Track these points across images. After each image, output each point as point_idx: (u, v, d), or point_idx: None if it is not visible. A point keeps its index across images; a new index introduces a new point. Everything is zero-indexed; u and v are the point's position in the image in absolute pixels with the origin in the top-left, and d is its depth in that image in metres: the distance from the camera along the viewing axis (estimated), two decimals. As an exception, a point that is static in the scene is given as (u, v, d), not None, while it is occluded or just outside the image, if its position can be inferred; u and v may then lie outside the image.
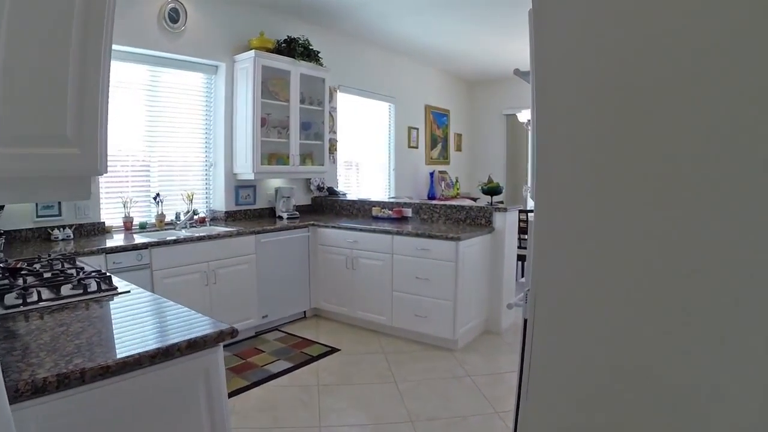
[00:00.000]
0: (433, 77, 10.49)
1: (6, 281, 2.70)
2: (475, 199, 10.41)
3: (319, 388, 4.39)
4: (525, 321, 1.93)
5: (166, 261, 4.77)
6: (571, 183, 1.70)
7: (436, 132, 10.62)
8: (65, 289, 2.68)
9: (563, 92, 1.73)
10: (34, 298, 2.46)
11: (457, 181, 10.71)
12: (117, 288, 2.78)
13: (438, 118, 10.65)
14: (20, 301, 2.39)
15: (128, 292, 2.77)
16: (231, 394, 4.20)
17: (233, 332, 2.13)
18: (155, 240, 4.78)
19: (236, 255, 5.35)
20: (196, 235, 5.08)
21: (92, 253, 4.28)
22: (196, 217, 5.86)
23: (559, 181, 1.73)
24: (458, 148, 11.56)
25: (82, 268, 3.26)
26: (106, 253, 4.39)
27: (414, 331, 5.44)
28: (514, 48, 8.52)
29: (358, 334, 5.72)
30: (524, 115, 8.54)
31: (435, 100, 10.56)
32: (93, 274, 3.02)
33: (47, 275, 2.99)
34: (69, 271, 3.13)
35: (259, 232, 5.57)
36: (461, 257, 5.06)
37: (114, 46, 4.61)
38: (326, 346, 5.33)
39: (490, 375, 4.64)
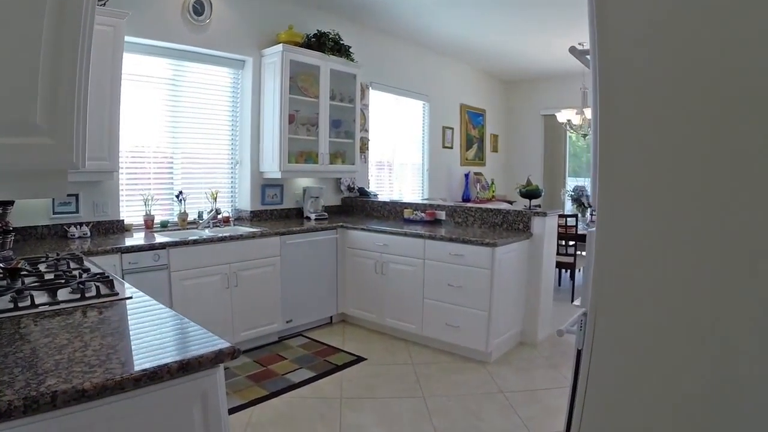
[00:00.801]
0: (468, 76, 10.15)
1: (4, 282, 2.50)
2: (511, 202, 10.08)
3: (341, 401, 4.10)
4: (578, 352, 1.60)
5: (185, 262, 4.54)
6: (644, 192, 1.38)
7: (472, 132, 10.28)
8: (62, 293, 2.47)
9: (634, 89, 1.40)
10: (27, 302, 2.25)
11: (492, 182, 10.36)
12: (118, 293, 2.55)
13: (473, 117, 10.31)
14: (12, 305, 2.19)
15: (130, 298, 2.53)
16: (247, 405, 3.97)
17: (234, 352, 1.85)
18: (173, 240, 4.55)
19: (260, 257, 5.10)
20: (218, 235, 4.85)
21: (106, 252, 4.08)
22: (219, 216, 5.63)
23: (629, 191, 1.41)
24: (494, 149, 11.21)
25: (87, 270, 3.03)
26: (122, 253, 4.17)
27: (445, 342, 5.12)
28: (555, 45, 8.15)
29: (386, 343, 5.43)
30: (564, 115, 8.15)
31: (470, 99, 10.22)
32: (97, 276, 2.79)
33: (49, 276, 2.79)
34: (74, 273, 2.91)
35: (284, 233, 5.31)
36: (497, 264, 4.72)
37: (136, 39, 4.46)
38: (352, 354, 5.04)
39: (525, 392, 4.30)
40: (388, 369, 4.74)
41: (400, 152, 8.58)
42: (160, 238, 4.67)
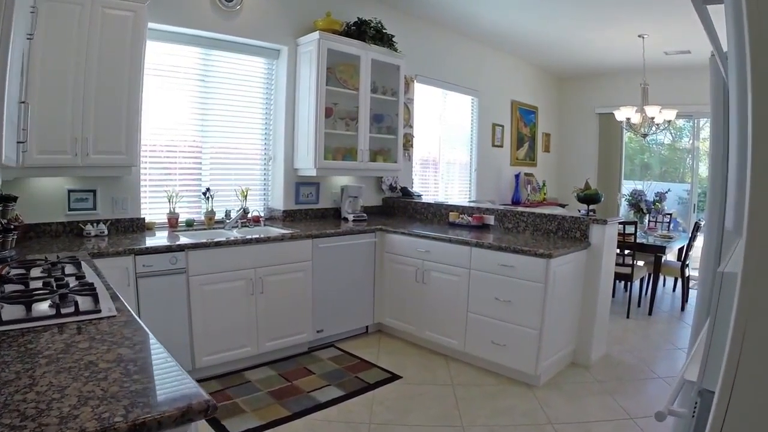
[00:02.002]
0: (520, 70, 9.57)
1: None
2: (563, 205, 9.51)
3: (370, 426, 3.61)
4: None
5: (205, 265, 4.15)
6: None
7: (523, 130, 9.70)
8: (39, 308, 2.11)
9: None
10: (-5, 318, 1.89)
11: (544, 184, 9.78)
12: (100, 311, 2.15)
13: (525, 115, 9.73)
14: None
15: (113, 316, 2.12)
16: (265, 426, 3.55)
17: (209, 408, 1.38)
18: (192, 241, 4.16)
19: (289, 261, 4.67)
20: (242, 237, 4.43)
21: (118, 254, 3.73)
22: (249, 215, 5.25)
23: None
24: (546, 149, 10.60)
25: (82, 277, 2.67)
26: (135, 255, 3.82)
27: (489, 361, 4.60)
28: (616, 38, 7.58)
29: (425, 358, 4.93)
30: (623, 113, 7.50)
31: (522, 95, 9.64)
32: (82, 288, 2.38)
33: (36, 285, 2.45)
34: (65, 281, 2.54)
35: (316, 236, 4.87)
36: (552, 278, 4.17)
37: (160, 26, 4.72)
38: (386, 371, 4.55)
39: (578, 424, 3.72)
40: (425, 390, 4.23)
41: (446, 150, 8.06)
42: (180, 239, 4.31)
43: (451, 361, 4.85)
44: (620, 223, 5.97)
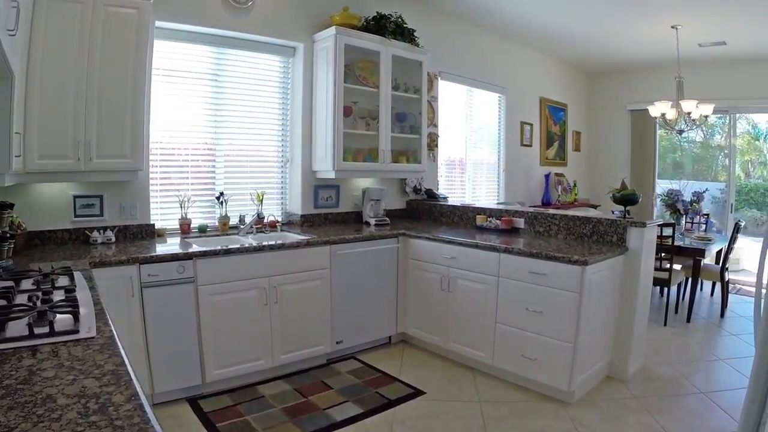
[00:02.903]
0: (548, 66, 9.23)
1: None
2: (595, 207, 9.13)
3: (391, 450, 3.36)
4: None
5: (215, 274, 3.92)
6: None
7: (553, 129, 9.34)
8: (13, 327, 1.91)
9: None
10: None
11: (575, 185, 9.42)
12: (78, 331, 1.91)
13: (554, 112, 9.37)
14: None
15: (91, 338, 1.88)
16: (280, 452, 3.27)
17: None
18: (201, 249, 3.92)
19: (305, 269, 4.42)
20: (254, 244, 4.18)
21: (121, 263, 3.52)
22: (266, 221, 5.02)
23: None
24: (576, 148, 10.23)
25: (72, 291, 2.43)
26: (140, 264, 3.60)
27: (519, 375, 4.28)
28: (647, 32, 7.24)
29: (450, 371, 4.63)
30: (658, 109, 7.11)
31: (551, 92, 9.28)
32: (70, 304, 2.15)
33: (21, 300, 2.25)
34: (53, 295, 2.35)
35: (335, 242, 4.61)
36: (587, 286, 3.84)
37: (172, 25, 4.56)
38: (408, 386, 4.26)
39: (619, 446, 3.44)
40: (450, 407, 3.93)
41: (473, 150, 7.74)
42: (191, 246, 4.08)
43: (478, 374, 4.55)
44: (660, 225, 5.62)
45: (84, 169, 3.66)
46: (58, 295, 2.35)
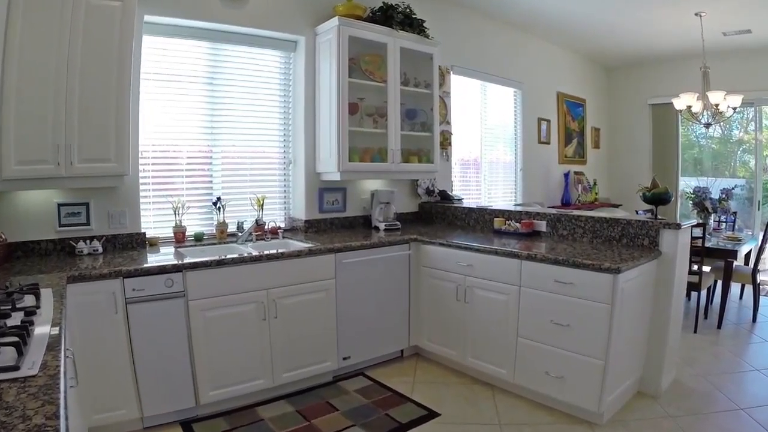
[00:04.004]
0: (565, 60, 8.82)
1: None
2: (616, 206, 8.74)
3: (404, 486, 2.98)
4: None
5: (208, 288, 3.57)
6: None
7: (571, 125, 8.92)
8: None
9: None
10: None
11: (595, 183, 8.99)
12: (19, 367, 1.58)
13: (573, 108, 8.94)
14: None
15: (31, 377, 1.54)
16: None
17: None
18: (190, 260, 3.56)
19: (307, 280, 4.05)
20: (250, 254, 3.81)
21: (103, 276, 3.19)
22: (268, 227, 4.67)
23: None
24: (596, 145, 9.79)
25: (32, 313, 2.13)
26: (124, 277, 3.27)
27: (543, 394, 3.87)
28: (668, 19, 6.84)
29: (468, 389, 4.23)
30: (683, 101, 6.67)
31: (569, 87, 8.87)
32: (18, 332, 1.80)
33: None
34: (5, 320, 2.01)
35: (339, 250, 4.23)
36: (620, 297, 3.42)
37: (163, 19, 4.28)
38: (421, 407, 3.86)
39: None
40: (467, 431, 3.57)
41: (488, 149, 7.34)
42: (182, 257, 3.76)
43: (498, 392, 4.14)
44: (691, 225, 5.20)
45: (65, 175, 3.36)
46: (16, 319, 2.01)
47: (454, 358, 4.52)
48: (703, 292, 6.06)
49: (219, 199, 4.50)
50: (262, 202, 4.71)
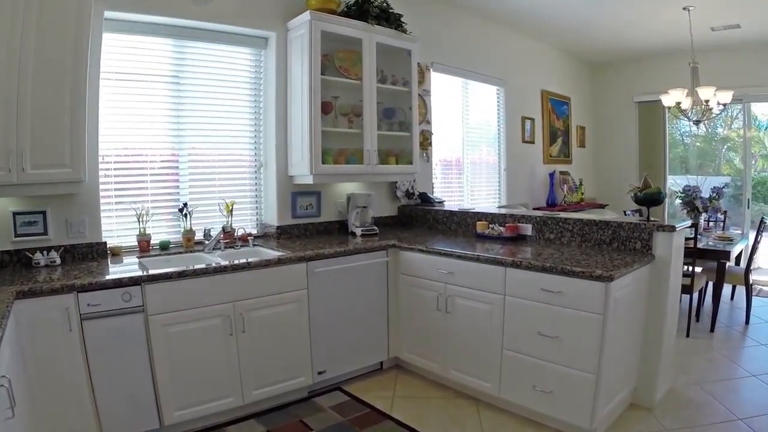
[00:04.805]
0: (549, 57, 8.67)
1: None
2: (603, 206, 8.60)
3: None
4: None
5: (169, 302, 3.34)
6: None
7: (556, 123, 8.76)
8: None
9: None
10: None
11: (581, 183, 8.84)
12: None
13: (557, 106, 8.79)
14: None
15: None
16: None
17: None
18: (149, 273, 3.31)
19: (277, 291, 3.83)
20: (215, 264, 3.57)
21: (54, 291, 2.96)
22: (238, 234, 4.45)
23: None
24: (581, 144, 9.66)
25: None
26: (78, 292, 3.03)
27: (531, 410, 3.67)
28: (655, 15, 6.72)
29: (451, 403, 4.02)
30: (671, 98, 6.48)
31: (553, 84, 8.72)
32: None
33: None
34: None
35: (311, 258, 4.01)
36: (612, 306, 3.23)
37: (128, 15, 4.05)
38: (401, 425, 3.63)
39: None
40: (452, 452, 3.35)
41: (471, 148, 7.15)
42: (144, 268, 3.52)
43: (484, 408, 3.94)
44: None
45: (17, 182, 3.13)
46: None
47: (435, 370, 4.32)
48: (695, 294, 5.91)
49: (185, 205, 4.28)
50: (231, 207, 4.48)
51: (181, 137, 4.44)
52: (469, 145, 7.09)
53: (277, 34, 4.72)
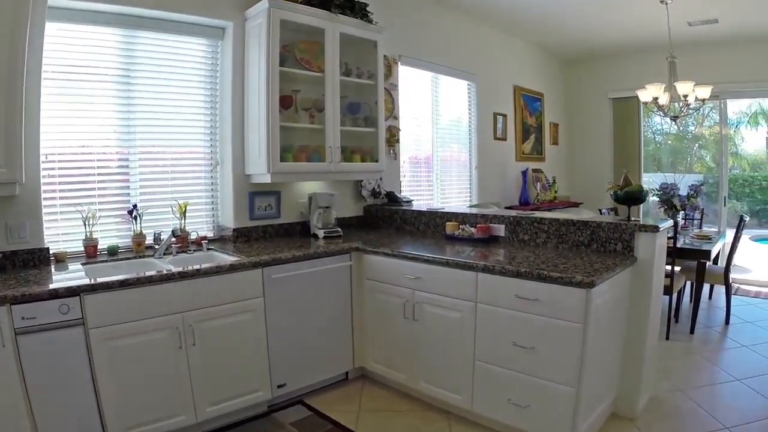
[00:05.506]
0: (523, 52, 8.58)
1: None
2: (577, 204, 8.53)
3: None
4: None
5: (110, 314, 3.11)
6: None
7: (528, 120, 8.68)
8: None
9: None
10: None
11: (554, 181, 8.76)
12: None
13: (530, 102, 8.71)
14: None
15: None
16: None
17: None
18: (87, 282, 3.06)
19: (230, 300, 3.62)
20: (158, 273, 3.34)
21: None
22: (193, 237, 4.25)
23: None
24: (554, 141, 9.61)
25: None
26: (10, 304, 2.79)
27: (506, 425, 3.51)
28: (632, 8, 6.65)
29: (420, 418, 3.85)
30: (649, 93, 6.39)
31: (526, 80, 8.63)
32: None
33: None
34: None
35: (267, 264, 3.81)
36: (593, 314, 3.08)
37: (73, 3, 3.80)
38: (367, 441, 3.49)
39: None
40: (422, 472, 3.17)
41: (441, 145, 7.00)
42: (89, 275, 3.31)
43: (456, 422, 3.78)
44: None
45: (-53, 185, 2.90)
46: None
47: (404, 381, 4.15)
48: (674, 295, 5.84)
49: (135, 206, 4.05)
50: (184, 209, 4.27)
51: (131, 134, 4.21)
52: (439, 141, 6.95)
53: (234, 24, 4.51)
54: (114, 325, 3.11)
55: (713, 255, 5.86)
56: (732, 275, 6.13)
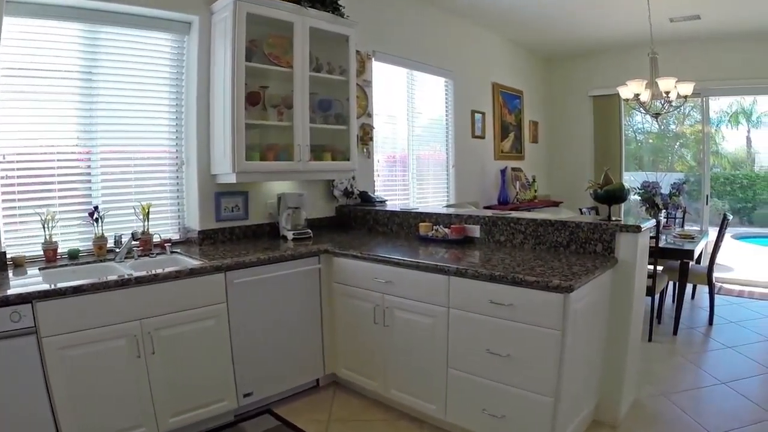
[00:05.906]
0: (501, 49, 8.55)
1: None
2: (557, 204, 8.52)
3: None
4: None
5: (65, 322, 3.00)
6: None
7: (507, 118, 8.64)
8: None
9: None
10: None
11: (534, 180, 8.74)
12: None
13: (509, 100, 8.68)
14: None
15: None
16: None
17: None
18: (39, 289, 2.95)
19: (191, 306, 3.51)
20: (115, 278, 3.23)
21: None
22: (156, 240, 4.15)
23: None
24: (534, 139, 9.61)
25: None
26: (-44, 314, 2.67)
27: (481, 435, 3.48)
28: (615, 6, 6.64)
29: (392, 426, 3.78)
30: (630, 89, 6.35)
31: (505, 77, 8.60)
32: None
33: None
34: None
35: (230, 268, 3.71)
36: (572, 320, 3.00)
37: None
38: (336, 453, 3.41)
39: None
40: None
41: (417, 144, 6.94)
42: (37, 283, 3.16)
43: (429, 430, 3.71)
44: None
45: None
46: None
47: (376, 389, 4.07)
48: (657, 296, 5.82)
49: (96, 208, 3.93)
50: (147, 210, 4.16)
51: (92, 133, 4.09)
52: (415, 140, 6.88)
53: (200, 18, 4.40)
54: (68, 334, 3.00)
55: (696, 254, 5.85)
56: (715, 274, 6.12)
